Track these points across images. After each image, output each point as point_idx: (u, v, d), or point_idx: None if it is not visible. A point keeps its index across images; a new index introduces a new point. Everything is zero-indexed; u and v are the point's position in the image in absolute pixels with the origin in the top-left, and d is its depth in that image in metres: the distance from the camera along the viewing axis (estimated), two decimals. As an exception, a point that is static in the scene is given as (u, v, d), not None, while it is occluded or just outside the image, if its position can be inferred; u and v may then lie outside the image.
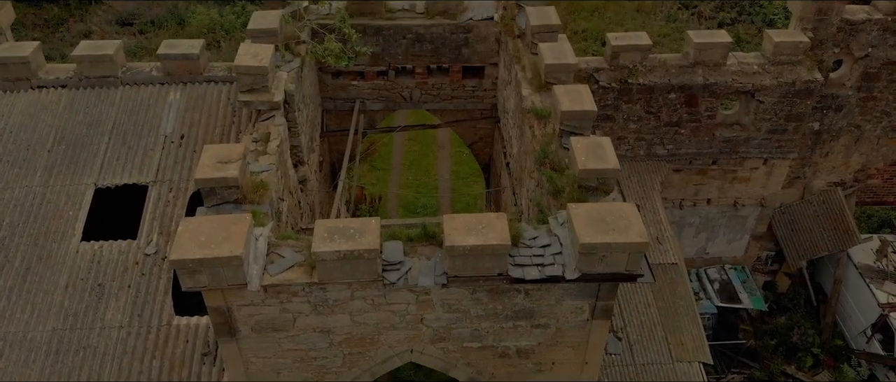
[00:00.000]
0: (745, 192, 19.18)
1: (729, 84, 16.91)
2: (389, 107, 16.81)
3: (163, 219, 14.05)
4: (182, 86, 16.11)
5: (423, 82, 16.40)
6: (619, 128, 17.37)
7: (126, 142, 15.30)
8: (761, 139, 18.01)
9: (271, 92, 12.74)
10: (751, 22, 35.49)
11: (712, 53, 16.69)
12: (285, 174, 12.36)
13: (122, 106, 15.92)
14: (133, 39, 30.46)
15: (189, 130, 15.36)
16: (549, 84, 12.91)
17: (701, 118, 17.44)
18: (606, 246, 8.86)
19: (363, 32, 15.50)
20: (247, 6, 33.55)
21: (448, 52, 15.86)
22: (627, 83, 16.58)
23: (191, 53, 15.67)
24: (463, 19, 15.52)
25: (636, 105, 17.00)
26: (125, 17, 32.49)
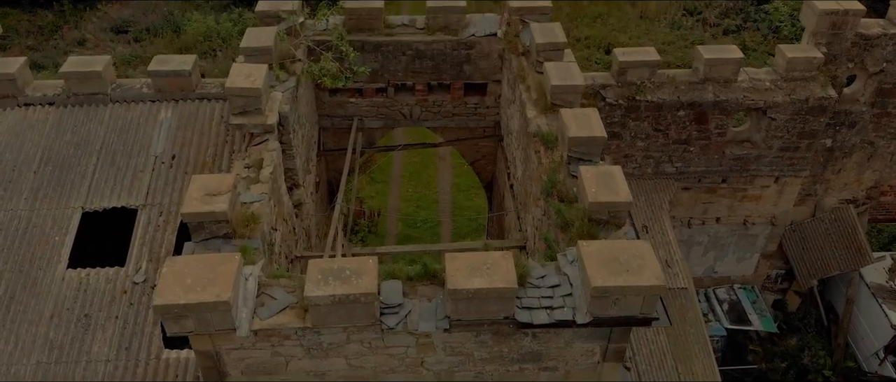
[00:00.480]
0: (756, 211, 18.61)
1: (740, 101, 16.34)
2: (389, 124, 16.24)
3: (152, 245, 13.48)
4: (173, 104, 15.54)
5: (423, 99, 15.83)
6: (627, 145, 16.81)
7: (115, 163, 14.73)
8: (773, 157, 17.44)
9: (265, 114, 12.17)
10: (756, 29, 34.94)
11: (723, 69, 16.13)
12: (279, 201, 11.79)
13: (111, 124, 15.35)
14: (128, 47, 29.92)
15: (181, 150, 14.79)
16: (555, 106, 12.34)
17: (711, 136, 16.88)
18: (620, 289, 8.29)
19: (361, 49, 14.93)
20: (244, 13, 33.03)
21: (449, 68, 15.30)
22: (635, 100, 16.01)
23: (182, 70, 15.10)
24: (465, 35, 14.95)
25: (644, 122, 16.43)
26: (120, 24, 31.95)
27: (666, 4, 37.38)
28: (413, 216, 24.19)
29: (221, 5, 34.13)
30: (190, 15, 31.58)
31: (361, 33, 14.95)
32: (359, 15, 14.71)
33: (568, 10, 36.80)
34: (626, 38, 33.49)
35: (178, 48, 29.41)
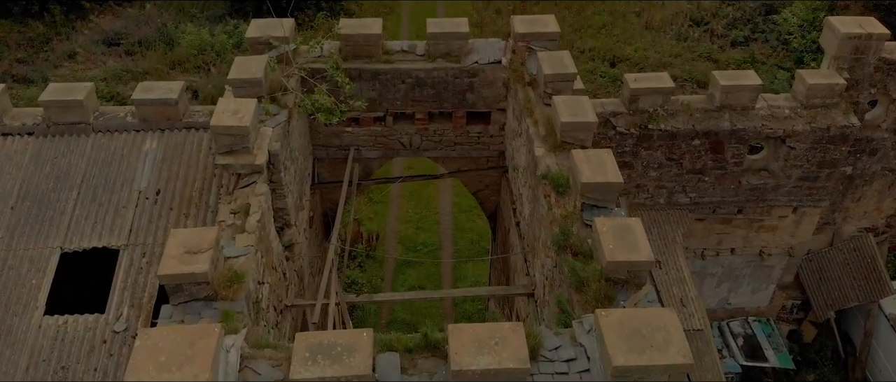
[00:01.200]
0: (772, 241, 17.74)
1: (758, 130, 15.49)
2: (387, 154, 15.37)
3: (135, 290, 12.62)
4: (159, 134, 14.69)
5: (423, 128, 14.96)
6: (638, 175, 15.95)
7: (96, 199, 13.88)
8: (791, 186, 16.58)
9: (253, 153, 11.31)
10: (765, 40, 34.06)
11: (740, 96, 15.27)
12: (267, 249, 10.92)
13: (92, 156, 14.49)
14: (119, 61, 29.05)
15: (166, 184, 13.93)
16: (565, 143, 11.48)
17: (727, 165, 16.02)
18: (643, 368, 7.43)
19: (358, 77, 14.07)
20: (240, 25, 32.16)
21: (451, 96, 14.44)
22: (648, 129, 15.15)
23: (168, 98, 14.24)
24: (467, 62, 14.08)
25: (657, 152, 15.57)
26: (112, 36, 31.05)
27: (672, 15, 36.53)
28: (413, 239, 23.32)
29: (216, 16, 33.28)
30: (184, 27, 30.70)
31: (358, 60, 14.08)
32: (355, 41, 13.85)
33: (571, 21, 35.95)
34: (631, 50, 32.63)
35: (170, 62, 28.57)
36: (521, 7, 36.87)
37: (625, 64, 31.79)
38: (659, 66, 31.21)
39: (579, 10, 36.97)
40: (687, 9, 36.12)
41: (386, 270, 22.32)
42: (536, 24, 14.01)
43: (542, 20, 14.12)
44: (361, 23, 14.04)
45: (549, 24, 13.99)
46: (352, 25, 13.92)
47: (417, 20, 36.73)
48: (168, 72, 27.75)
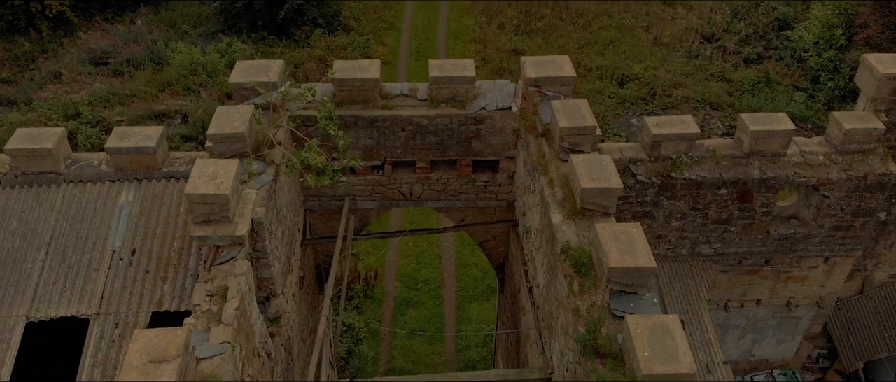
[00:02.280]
0: (801, 292, 16.47)
1: (790, 178, 14.21)
2: (385, 205, 14.10)
3: (105, 366, 11.37)
4: (136, 184, 13.43)
5: (425, 177, 13.69)
6: (659, 225, 14.68)
7: (66, 260, 12.62)
8: (823, 236, 15.31)
9: (234, 223, 10.04)
10: (779, 58, 32.77)
11: (771, 143, 14.00)
12: (249, 336, 9.65)
13: (63, 210, 13.23)
14: (106, 81, 27.76)
15: (142, 243, 12.67)
16: (586, 210, 10.20)
17: (755, 215, 14.75)
18: None
19: (354, 124, 12.80)
20: (234, 42, 30.92)
21: (455, 144, 13.17)
22: (670, 177, 13.88)
23: (145, 147, 12.98)
24: (473, 108, 12.79)
25: (680, 201, 14.30)
26: (100, 55, 29.80)
27: (681, 31, 35.26)
28: (414, 275, 22.03)
29: (209, 33, 32.02)
30: (174, 45, 29.45)
31: (354, 106, 12.81)
32: (351, 86, 12.56)
33: (578, 36, 34.69)
34: (640, 68, 31.35)
35: (159, 84, 27.30)
36: (525, 22, 35.64)
37: (634, 83, 30.52)
38: (669, 87, 29.95)
39: (586, 26, 35.71)
40: (697, 25, 34.86)
41: (384, 310, 21.05)
42: (549, 66, 12.73)
43: (555, 62, 12.83)
44: (357, 66, 12.76)
45: (564, 67, 12.71)
46: (347, 69, 12.63)
47: (418, 35, 35.44)
48: (156, 95, 26.50)
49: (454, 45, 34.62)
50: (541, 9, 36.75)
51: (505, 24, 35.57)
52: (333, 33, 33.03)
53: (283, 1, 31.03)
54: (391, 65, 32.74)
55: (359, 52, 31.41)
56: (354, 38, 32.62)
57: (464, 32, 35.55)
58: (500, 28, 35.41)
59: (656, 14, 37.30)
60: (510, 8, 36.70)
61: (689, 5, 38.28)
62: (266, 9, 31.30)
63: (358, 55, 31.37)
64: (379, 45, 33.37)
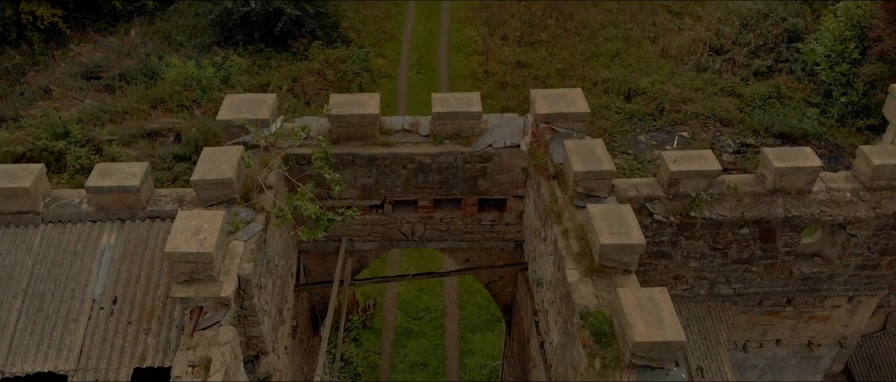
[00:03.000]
0: (823, 331, 15.61)
1: (815, 216, 13.35)
2: (385, 245, 13.24)
3: (82, 428, 10.52)
4: (119, 225, 12.55)
5: (428, 216, 12.83)
6: (677, 266, 13.81)
7: (43, 309, 11.75)
8: (848, 275, 14.45)
9: (219, 281, 9.18)
10: (790, 70, 31.90)
11: (796, 180, 13.14)
12: (236, 408, 8.79)
13: (41, 254, 12.35)
14: (98, 97, 26.91)
15: (124, 291, 11.79)
16: (605, 267, 9.34)
17: (778, 254, 13.88)
18: None
19: (352, 163, 11.94)
20: (230, 55, 30.09)
21: (460, 183, 12.31)
22: (689, 216, 13.01)
23: (129, 186, 12.11)
24: (479, 146, 11.93)
25: (699, 241, 13.44)
26: (92, 69, 28.97)
27: (689, 42, 34.40)
28: (414, 304, 21.16)
29: (204, 45, 31.19)
30: (168, 59, 28.59)
31: (352, 143, 11.94)
32: (348, 123, 11.69)
33: (582, 48, 33.82)
34: (648, 82, 30.50)
35: (152, 100, 26.45)
36: (529, 33, 34.79)
37: (641, 98, 29.67)
38: (678, 102, 29.10)
39: (591, 37, 34.86)
40: (706, 36, 34.00)
41: (384, 341, 20.19)
42: (561, 101, 11.86)
43: (567, 97, 11.96)
44: (355, 100, 11.88)
45: (576, 101, 11.84)
46: (344, 104, 11.75)
47: (419, 47, 34.58)
48: (149, 112, 25.64)
49: (456, 58, 33.77)
50: (544, 19, 35.92)
51: (508, 36, 34.73)
52: (332, 45, 32.21)
53: (281, 13, 30.19)
54: (391, 78, 31.90)
55: (358, 66, 30.54)
56: (354, 50, 31.78)
57: (466, 44, 34.70)
58: (502, 39, 34.57)
59: (663, 24, 36.47)
60: (513, 19, 35.86)
61: (696, 15, 37.47)
62: (263, 21, 30.48)
63: (357, 68, 30.55)
64: (379, 58, 32.53)
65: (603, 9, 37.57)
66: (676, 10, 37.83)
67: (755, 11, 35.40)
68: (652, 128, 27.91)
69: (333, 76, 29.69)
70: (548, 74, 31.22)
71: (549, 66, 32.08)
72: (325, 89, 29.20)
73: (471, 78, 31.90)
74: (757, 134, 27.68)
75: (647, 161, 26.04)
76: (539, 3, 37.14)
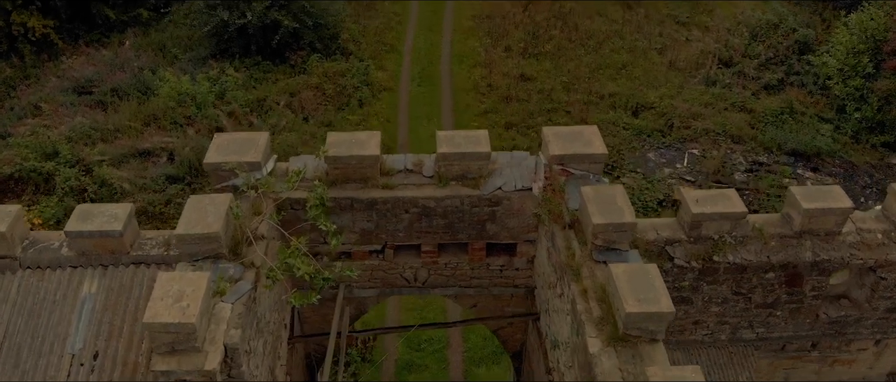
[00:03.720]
0: (847, 374, 14.77)
1: (845, 260, 12.51)
2: (385, 292, 12.40)
3: None
4: (100, 272, 11.72)
5: (432, 261, 11.99)
6: (697, 311, 12.97)
7: (19, 364, 10.95)
8: (877, 319, 13.61)
9: (203, 352, 8.34)
10: (801, 84, 31.02)
11: (825, 221, 12.30)
12: None
13: (18, 302, 11.53)
14: (89, 114, 26.04)
15: (106, 345, 10.96)
16: (629, 336, 8.49)
17: (804, 298, 13.04)
18: None
19: (350, 208, 11.09)
20: (226, 68, 29.24)
21: (467, 227, 11.47)
22: (712, 261, 12.16)
23: (111, 230, 11.27)
24: (488, 188, 11.08)
25: (722, 286, 12.60)
26: (83, 83, 28.10)
27: (697, 54, 33.54)
28: (417, 334, 20.30)
29: (200, 58, 30.32)
30: (162, 73, 27.73)
31: (350, 186, 11.09)
32: (347, 164, 10.84)
33: (588, 60, 32.94)
34: (656, 96, 29.63)
35: (145, 117, 25.59)
36: (533, 44, 33.90)
37: (650, 113, 28.79)
38: (688, 118, 28.21)
39: (596, 48, 33.97)
40: (714, 48, 33.13)
41: (384, 375, 19.33)
42: (576, 141, 11.01)
43: (583, 136, 11.12)
44: (353, 140, 11.03)
45: (593, 142, 10.99)
46: (341, 144, 10.90)
47: (420, 59, 33.71)
48: (141, 130, 24.79)
49: (458, 70, 32.90)
50: (549, 30, 35.05)
51: (511, 47, 33.85)
52: (331, 57, 31.34)
53: (278, 25, 29.32)
54: (392, 91, 31.02)
55: (358, 80, 29.68)
56: (354, 63, 30.93)
57: (468, 55, 33.82)
58: (506, 51, 33.69)
59: (670, 35, 35.61)
60: (517, 30, 34.99)
61: (704, 26, 36.60)
62: (260, 33, 29.61)
63: (357, 82, 29.68)
64: (379, 70, 31.66)
65: (608, 19, 36.72)
66: (684, 21, 36.98)
67: (765, 22, 34.54)
68: (661, 146, 27.07)
69: (332, 90, 28.84)
70: (553, 88, 30.35)
71: (555, 79, 31.22)
72: (324, 104, 28.38)
73: (474, 91, 31.02)
74: (769, 151, 26.83)
75: (657, 180, 25.20)
76: (543, 14, 36.30)
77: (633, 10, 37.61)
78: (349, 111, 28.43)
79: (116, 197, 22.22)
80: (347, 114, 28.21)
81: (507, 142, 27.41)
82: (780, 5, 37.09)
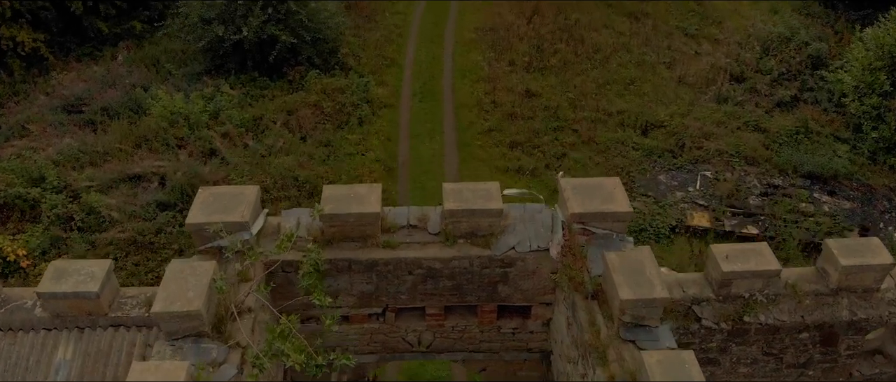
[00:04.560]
0: (882, 431, 13.77)
1: (884, 319, 11.54)
2: (386, 357, 11.42)
3: None
4: (76, 335, 10.78)
5: (438, 324, 11.00)
6: (724, 372, 11.98)
7: (-16, 440, 9.98)
8: (916, 375, 12.64)
9: (182, 456, 7.32)
10: (815, 101, 29.97)
11: (863, 278, 11.34)
12: None
13: (-13, 369, 10.55)
14: (78, 135, 25.02)
15: (81, 421, 10.00)
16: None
17: (838, 358, 12.05)
18: None
19: (348, 270, 10.10)
20: (221, 84, 28.25)
21: (476, 289, 10.49)
22: (743, 322, 11.18)
23: (87, 291, 10.31)
24: (500, 249, 10.09)
25: (752, 346, 11.62)
26: (73, 102, 27.09)
27: (707, 68, 32.52)
28: (419, 372, 19.28)
29: (194, 74, 29.31)
30: (154, 91, 26.72)
31: (348, 245, 10.10)
32: (345, 222, 9.85)
33: (595, 74, 31.92)
34: (666, 114, 28.61)
35: (136, 138, 24.57)
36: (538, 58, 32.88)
37: (660, 131, 27.76)
38: (699, 137, 27.19)
39: (603, 62, 32.94)
40: (725, 63, 32.12)
41: (386, 420, 18.31)
42: (596, 195, 10.02)
43: (603, 189, 10.12)
44: (352, 194, 10.03)
45: (615, 196, 10.00)
46: (339, 201, 9.91)
47: (422, 73, 32.68)
48: (132, 153, 23.79)
49: (460, 85, 31.86)
50: (554, 43, 34.03)
51: (515, 61, 32.82)
52: (330, 72, 30.34)
53: (275, 40, 28.31)
54: (392, 108, 29.99)
55: (358, 97, 28.67)
56: (353, 78, 29.90)
57: (471, 70, 32.78)
58: (510, 65, 32.65)
59: (679, 48, 34.59)
60: (521, 43, 33.98)
61: (713, 38, 35.60)
62: (256, 49, 28.60)
63: (356, 99, 28.65)
64: (379, 86, 30.64)
65: (615, 31, 35.70)
66: (692, 33, 35.97)
67: (776, 35, 33.53)
68: (672, 167, 26.06)
69: (331, 108, 27.82)
70: (559, 105, 29.35)
71: (561, 96, 30.22)
72: (323, 122, 27.36)
73: (477, 108, 29.98)
74: (784, 173, 25.82)
75: (669, 204, 24.19)
76: (548, 26, 35.29)
77: (640, 22, 36.61)
78: (348, 130, 27.42)
79: (105, 226, 21.23)
80: (347, 133, 27.20)
81: (512, 161, 26.46)
82: (791, 17, 36.12)
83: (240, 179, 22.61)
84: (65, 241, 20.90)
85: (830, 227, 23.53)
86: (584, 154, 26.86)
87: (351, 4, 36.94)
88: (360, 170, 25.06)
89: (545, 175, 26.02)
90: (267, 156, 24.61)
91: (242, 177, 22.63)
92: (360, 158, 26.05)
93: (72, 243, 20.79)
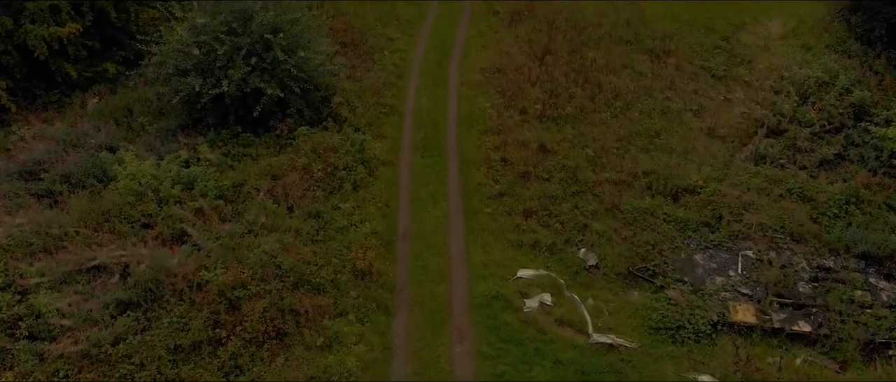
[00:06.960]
0: None
1: None
2: None
3: None
4: None
5: None
6: None
7: None
8: None
9: None
10: (860, 157, 26.83)
11: None
12: None
13: None
14: (32, 210, 21.92)
15: None
16: None
17: None
18: None
19: None
20: (201, 145, 25.20)
21: None
22: None
23: None
24: None
25: None
26: (32, 167, 24.03)
27: (739, 118, 29.42)
28: None
29: (169, 130, 26.24)
30: (121, 154, 23.67)
31: None
32: None
33: (615, 125, 28.78)
34: (698, 176, 25.44)
35: (97, 217, 21.51)
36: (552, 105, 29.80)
37: (693, 198, 24.52)
38: (738, 208, 23.98)
39: (624, 110, 29.81)
40: (761, 115, 29.02)
41: None
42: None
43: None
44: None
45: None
46: None
47: (424, 122, 29.57)
48: (92, 237, 20.71)
49: (466, 136, 28.73)
50: (569, 88, 30.95)
51: (527, 109, 29.69)
52: (322, 124, 27.27)
53: (260, 93, 25.24)
54: (391, 166, 26.86)
55: (352, 157, 25.59)
56: (348, 134, 26.82)
57: (477, 118, 29.66)
58: (521, 114, 29.54)
59: (706, 93, 31.53)
60: (533, 88, 30.89)
61: (742, 80, 32.53)
62: (239, 102, 25.55)
63: (351, 159, 25.57)
64: (377, 140, 27.56)
65: (635, 72, 32.69)
66: (720, 74, 32.97)
67: (814, 80, 30.49)
68: (709, 245, 23.01)
69: (322, 172, 24.75)
70: (578, 165, 26.25)
71: (579, 152, 27.15)
72: (312, 188, 24.29)
73: (485, 166, 26.81)
74: (836, 253, 22.78)
75: (709, 294, 21.12)
76: (562, 67, 32.24)
77: (662, 62, 33.60)
78: (341, 197, 24.35)
79: (55, 333, 18.19)
80: (339, 201, 24.14)
81: (527, 234, 23.35)
82: (827, 57, 33.09)
83: (213, 271, 19.51)
84: (10, 352, 17.87)
85: (893, 324, 20.49)
86: (608, 225, 23.78)
87: (347, 41, 33.93)
88: (354, 249, 21.95)
89: (565, 252, 22.96)
90: (247, 235, 21.52)
91: (216, 270, 19.53)
92: (354, 232, 22.93)
93: (18, 354, 17.78)
